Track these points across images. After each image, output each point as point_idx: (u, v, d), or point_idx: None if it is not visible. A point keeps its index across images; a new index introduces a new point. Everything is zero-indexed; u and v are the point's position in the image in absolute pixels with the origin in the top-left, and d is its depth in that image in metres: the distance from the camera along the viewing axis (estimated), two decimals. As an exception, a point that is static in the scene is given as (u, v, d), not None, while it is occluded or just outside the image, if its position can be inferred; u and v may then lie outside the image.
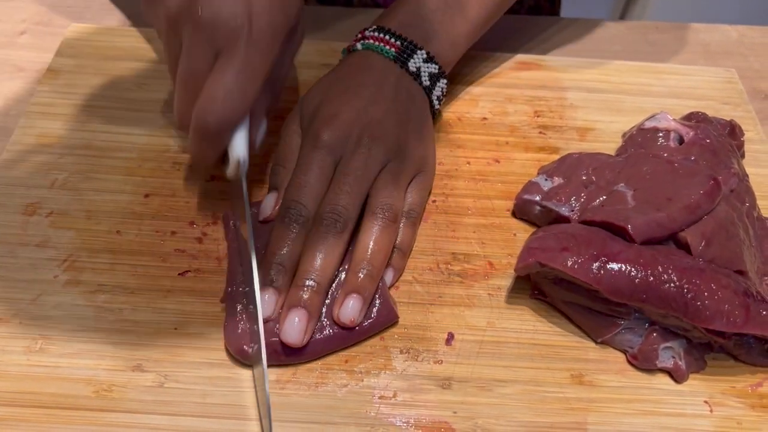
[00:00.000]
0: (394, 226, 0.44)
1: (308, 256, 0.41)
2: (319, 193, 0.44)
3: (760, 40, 0.65)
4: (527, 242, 0.43)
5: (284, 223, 0.43)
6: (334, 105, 0.46)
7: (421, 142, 0.48)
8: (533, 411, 0.40)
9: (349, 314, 0.41)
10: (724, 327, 0.39)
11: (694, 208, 0.42)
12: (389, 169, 0.45)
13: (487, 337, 0.43)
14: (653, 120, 0.51)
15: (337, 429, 0.39)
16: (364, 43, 0.50)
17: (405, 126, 0.48)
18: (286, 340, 0.40)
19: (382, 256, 0.43)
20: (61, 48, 0.57)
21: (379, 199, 0.44)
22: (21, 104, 0.53)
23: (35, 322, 0.42)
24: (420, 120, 0.49)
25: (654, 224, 0.42)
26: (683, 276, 0.39)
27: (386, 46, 0.49)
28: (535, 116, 0.56)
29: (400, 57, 0.49)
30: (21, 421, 0.38)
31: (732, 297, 0.39)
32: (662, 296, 0.39)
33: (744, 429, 0.40)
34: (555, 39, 0.63)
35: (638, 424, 0.40)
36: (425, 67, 0.50)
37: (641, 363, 0.42)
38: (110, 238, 0.46)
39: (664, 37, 0.65)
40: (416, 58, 0.50)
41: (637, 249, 0.40)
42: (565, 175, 0.48)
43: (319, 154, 0.44)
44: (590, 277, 0.40)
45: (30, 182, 0.48)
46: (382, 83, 0.48)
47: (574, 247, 0.40)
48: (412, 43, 0.50)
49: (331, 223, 0.42)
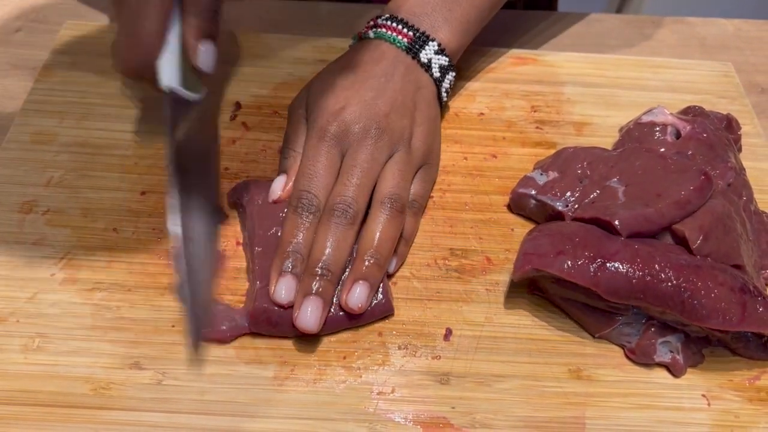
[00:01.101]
0: (400, 216, 0.45)
1: (321, 246, 0.42)
2: (328, 183, 0.44)
3: (756, 34, 0.65)
4: (522, 246, 0.43)
5: (297, 212, 0.43)
6: (341, 97, 0.47)
7: (427, 134, 0.49)
8: (531, 406, 0.40)
9: (356, 300, 0.41)
10: (721, 325, 0.39)
11: (684, 204, 0.42)
12: (396, 159, 0.46)
13: (485, 332, 0.43)
14: (650, 114, 0.51)
15: (335, 425, 0.39)
16: (377, 32, 0.50)
17: (412, 118, 0.48)
18: (303, 327, 0.40)
19: (390, 245, 0.44)
20: (57, 45, 0.57)
21: (387, 189, 0.45)
22: (16, 102, 0.53)
23: (32, 321, 0.42)
24: (427, 112, 0.50)
25: (641, 218, 0.42)
26: (680, 274, 0.39)
27: (398, 36, 0.49)
28: (532, 111, 0.56)
29: (413, 48, 0.49)
30: (19, 420, 0.38)
31: (728, 294, 0.39)
32: (659, 295, 0.39)
33: (741, 422, 0.40)
34: (551, 33, 0.63)
35: (636, 418, 0.40)
36: (436, 58, 0.50)
37: (639, 357, 0.42)
38: (107, 236, 0.46)
39: (661, 31, 0.65)
40: (428, 50, 0.50)
41: (633, 247, 0.40)
42: (560, 169, 0.48)
43: (325, 146, 0.45)
44: (587, 280, 0.40)
45: (26, 180, 0.48)
46: (391, 74, 0.48)
47: (569, 249, 0.40)
48: (424, 34, 0.50)
49: (342, 213, 0.43)
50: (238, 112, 0.54)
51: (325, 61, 0.55)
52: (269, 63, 0.57)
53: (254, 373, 0.40)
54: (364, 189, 0.44)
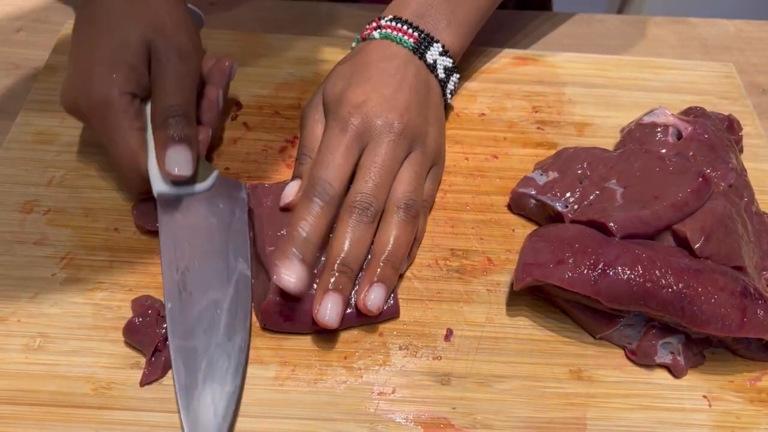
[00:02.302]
0: (415, 221, 0.45)
1: (341, 242, 0.42)
2: (345, 174, 0.44)
3: (757, 35, 0.65)
4: (522, 255, 0.43)
5: (310, 199, 0.43)
6: (360, 91, 0.46)
7: (438, 134, 0.49)
8: (532, 406, 0.40)
9: (374, 302, 0.41)
10: (720, 331, 0.39)
11: (681, 206, 0.42)
12: (412, 161, 0.46)
13: (485, 332, 0.43)
14: (651, 115, 0.51)
15: (336, 425, 0.39)
16: (382, 33, 0.50)
17: (426, 116, 0.48)
18: (324, 322, 0.40)
19: (404, 250, 0.44)
20: (58, 45, 0.57)
21: (404, 194, 0.45)
22: (18, 101, 0.53)
23: (33, 320, 0.42)
24: (437, 112, 0.50)
25: (636, 220, 0.42)
26: (680, 280, 0.39)
27: (404, 36, 0.49)
28: (533, 112, 0.56)
29: (419, 48, 0.49)
30: (20, 420, 0.38)
31: (728, 299, 0.39)
32: (660, 302, 0.39)
33: (742, 423, 0.40)
34: (553, 34, 0.63)
35: (637, 419, 0.40)
36: (441, 60, 0.50)
37: (640, 358, 0.42)
38: (108, 236, 0.46)
39: (662, 32, 0.65)
40: (432, 51, 0.50)
41: (633, 252, 0.40)
42: (560, 169, 0.48)
43: (346, 138, 0.45)
44: (588, 290, 0.40)
45: (27, 180, 0.48)
46: (405, 72, 0.48)
47: (569, 257, 0.40)
48: (428, 35, 0.50)
49: (362, 211, 0.43)
50: (239, 113, 0.54)
51: (325, 61, 0.55)
52: (270, 63, 0.57)
53: (255, 373, 0.40)
54: (384, 188, 0.44)
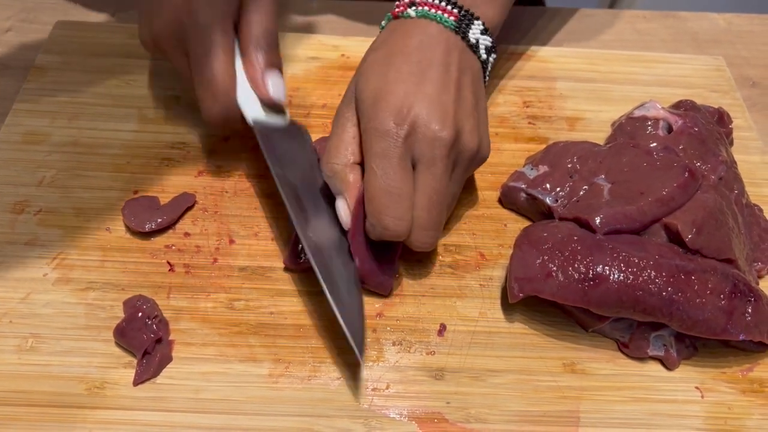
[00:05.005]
0: None
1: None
2: (409, 205, 0.41)
3: (747, 28, 0.65)
4: (512, 267, 0.42)
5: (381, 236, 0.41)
6: (400, 94, 0.41)
7: (486, 131, 0.45)
8: (526, 400, 0.40)
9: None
10: (705, 334, 0.40)
11: (667, 201, 0.42)
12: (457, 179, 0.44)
13: (479, 327, 0.43)
14: (642, 109, 0.51)
15: (330, 422, 0.39)
16: (419, 11, 0.45)
17: (474, 115, 0.44)
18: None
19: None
20: (47, 45, 0.56)
21: None
22: (7, 102, 0.53)
23: (25, 321, 0.41)
24: (483, 103, 0.46)
25: (620, 216, 0.42)
26: (669, 285, 0.39)
27: (444, 14, 0.44)
28: (524, 107, 0.56)
29: (461, 27, 0.44)
30: (14, 420, 0.38)
31: (716, 302, 0.39)
32: (648, 308, 0.40)
33: (735, 413, 0.40)
34: (544, 29, 0.63)
35: (630, 411, 0.40)
36: (483, 39, 0.46)
37: (633, 351, 0.42)
38: (99, 235, 0.46)
39: (653, 26, 0.65)
40: (474, 29, 0.45)
41: (623, 257, 0.40)
42: (550, 163, 0.48)
43: (397, 155, 0.40)
44: (578, 301, 0.40)
45: (17, 180, 0.48)
46: (447, 62, 0.43)
47: (558, 268, 0.40)
48: (468, 12, 0.45)
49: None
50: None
51: (316, 59, 0.55)
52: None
53: (249, 371, 0.40)
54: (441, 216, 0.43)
